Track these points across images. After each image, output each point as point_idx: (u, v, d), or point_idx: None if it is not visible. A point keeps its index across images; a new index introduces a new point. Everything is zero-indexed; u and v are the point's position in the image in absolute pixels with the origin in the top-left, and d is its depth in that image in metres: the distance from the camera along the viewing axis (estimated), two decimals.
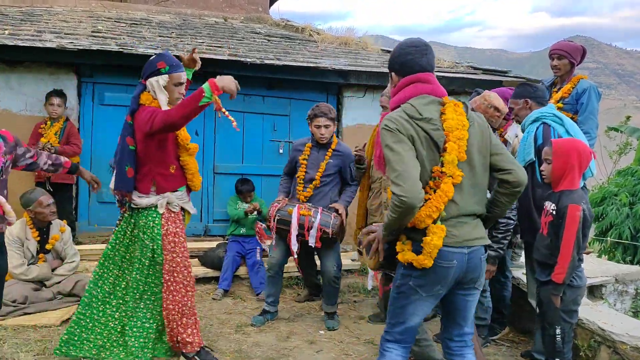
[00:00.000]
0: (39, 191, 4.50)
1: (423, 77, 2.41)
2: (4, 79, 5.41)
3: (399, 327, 2.45)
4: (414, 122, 2.30)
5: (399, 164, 2.21)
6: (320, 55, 6.59)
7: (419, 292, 2.36)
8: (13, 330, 3.83)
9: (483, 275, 2.45)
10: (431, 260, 2.26)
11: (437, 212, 2.26)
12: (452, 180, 2.29)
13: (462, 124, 2.33)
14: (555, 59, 4.40)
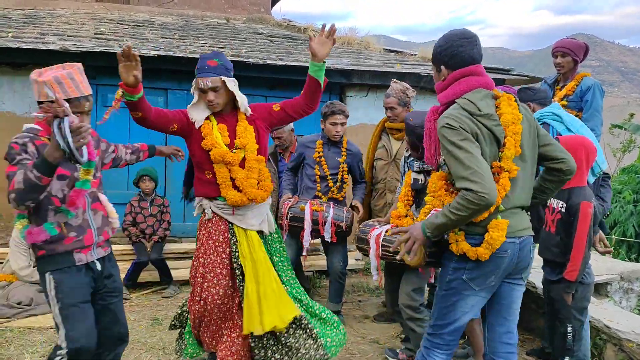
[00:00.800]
0: None
1: (475, 69, 2.36)
2: (8, 81, 5.42)
3: (449, 327, 2.38)
4: (475, 119, 2.25)
5: (472, 162, 2.16)
6: None
7: (471, 286, 2.32)
8: (19, 331, 3.85)
9: (531, 265, 2.43)
10: (489, 253, 2.25)
11: (494, 207, 2.25)
12: (509, 174, 2.28)
13: (518, 118, 2.31)
14: (558, 56, 4.39)
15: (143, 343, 3.79)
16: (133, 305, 4.63)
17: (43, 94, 2.41)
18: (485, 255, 2.25)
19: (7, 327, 3.90)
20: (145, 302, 4.75)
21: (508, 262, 2.30)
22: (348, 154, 4.34)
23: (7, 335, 3.76)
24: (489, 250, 2.24)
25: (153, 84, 5.81)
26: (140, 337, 3.90)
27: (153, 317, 4.31)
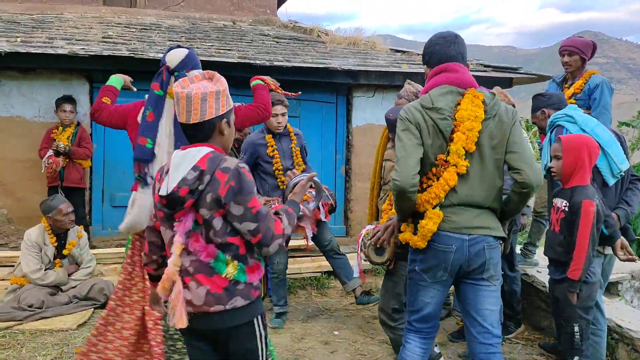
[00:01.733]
0: (59, 199, 4.55)
1: (450, 66, 2.48)
2: (17, 86, 5.47)
3: (415, 315, 2.54)
4: (425, 111, 2.40)
5: (400, 151, 2.38)
6: (329, 56, 6.59)
7: (424, 277, 2.46)
8: (30, 334, 3.88)
9: (492, 266, 2.43)
10: (424, 242, 2.39)
11: (436, 199, 2.37)
12: (456, 169, 2.35)
13: (475, 115, 2.35)
14: (565, 55, 4.38)
15: None
16: None
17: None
18: (420, 243, 2.39)
19: (19, 329, 3.93)
20: None
21: (455, 257, 2.38)
22: (297, 137, 4.45)
23: (19, 338, 3.80)
24: (422, 238, 2.38)
25: None
26: None
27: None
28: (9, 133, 5.44)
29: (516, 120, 2.46)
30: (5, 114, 5.45)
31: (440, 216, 2.36)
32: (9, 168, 5.44)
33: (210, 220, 1.91)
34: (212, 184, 1.89)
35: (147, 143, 2.86)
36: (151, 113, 2.89)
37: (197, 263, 1.93)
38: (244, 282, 1.95)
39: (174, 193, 1.88)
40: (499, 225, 2.48)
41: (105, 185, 5.84)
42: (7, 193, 5.46)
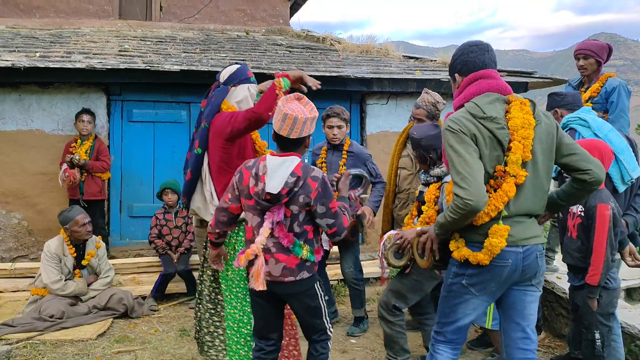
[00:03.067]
0: (76, 210, 4.62)
1: (486, 73, 2.40)
2: (37, 100, 5.58)
3: (450, 326, 2.43)
4: (478, 121, 2.28)
5: (463, 167, 2.21)
6: (342, 64, 6.62)
7: (471, 290, 2.35)
8: (51, 344, 3.92)
9: (541, 274, 2.40)
10: (489, 259, 2.26)
11: (495, 211, 2.26)
12: (515, 180, 2.26)
13: (528, 123, 2.29)
14: (581, 59, 4.34)
15: (172, 354, 3.83)
16: (161, 317, 4.69)
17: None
18: (485, 260, 2.26)
19: (39, 340, 3.98)
20: (173, 314, 4.80)
21: (510, 271, 2.30)
22: (349, 156, 4.34)
23: (40, 349, 3.84)
24: (489, 255, 2.26)
25: (176, 98, 5.92)
26: (169, 348, 3.95)
27: (181, 329, 4.35)
28: (29, 146, 5.54)
29: (558, 125, 2.42)
30: (25, 127, 5.56)
31: (508, 230, 2.25)
32: (30, 180, 5.54)
33: (297, 215, 2.57)
34: (304, 188, 2.53)
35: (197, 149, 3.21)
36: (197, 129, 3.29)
37: (279, 246, 2.58)
38: (311, 261, 2.65)
39: (280, 192, 2.48)
40: (542, 232, 2.44)
41: (123, 197, 5.91)
42: (28, 205, 5.56)
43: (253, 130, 3.18)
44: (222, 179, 3.14)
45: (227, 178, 3.11)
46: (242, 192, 2.63)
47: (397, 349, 3.40)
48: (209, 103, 3.23)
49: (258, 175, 2.57)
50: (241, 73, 3.22)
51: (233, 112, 3.10)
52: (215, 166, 3.15)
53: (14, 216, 5.55)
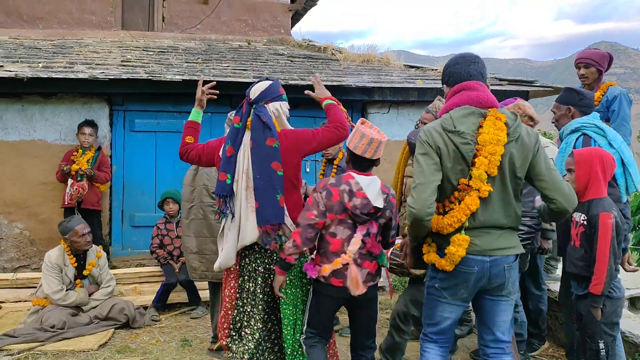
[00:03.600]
0: (76, 220, 4.62)
1: (469, 85, 2.46)
2: (39, 110, 5.60)
3: (433, 328, 2.57)
4: (446, 134, 2.37)
5: (419, 177, 2.36)
6: (344, 74, 6.64)
7: (444, 294, 2.49)
8: (52, 355, 3.91)
9: (511, 284, 2.48)
10: (452, 266, 2.39)
11: (458, 223, 2.38)
12: (478, 194, 2.35)
13: (497, 139, 2.33)
14: (582, 67, 4.33)
15: None
16: (163, 327, 4.67)
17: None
18: (447, 267, 2.40)
19: (41, 350, 3.97)
20: (174, 324, 4.78)
21: (477, 278, 2.41)
22: (338, 170, 4.31)
23: (41, 359, 3.83)
24: (450, 262, 2.39)
25: (178, 107, 5.94)
26: (171, 358, 3.93)
27: (183, 339, 4.33)
28: (32, 156, 5.56)
29: (539, 145, 2.44)
30: (27, 137, 5.58)
31: (468, 241, 2.36)
32: (32, 190, 5.55)
33: (384, 227, 2.92)
34: (389, 204, 2.87)
35: (227, 179, 2.87)
36: (230, 147, 2.91)
37: (363, 255, 2.83)
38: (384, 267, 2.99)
39: (379, 207, 2.79)
40: (518, 243, 2.51)
41: (125, 206, 5.92)
42: (30, 215, 5.56)
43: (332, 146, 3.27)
44: (293, 196, 2.98)
45: (295, 195, 3.01)
46: (332, 208, 2.81)
47: (398, 354, 3.44)
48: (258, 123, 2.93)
49: (353, 191, 2.80)
50: (274, 91, 3.03)
51: (313, 130, 3.03)
52: (287, 184, 2.94)
53: (15, 226, 5.55)
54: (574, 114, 3.53)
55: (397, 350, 3.43)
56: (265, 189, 2.82)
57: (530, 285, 3.85)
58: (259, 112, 2.93)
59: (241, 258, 2.96)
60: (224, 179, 2.87)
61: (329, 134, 3.00)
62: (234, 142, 2.92)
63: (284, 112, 3.04)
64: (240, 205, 2.87)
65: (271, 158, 2.85)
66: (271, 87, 3.01)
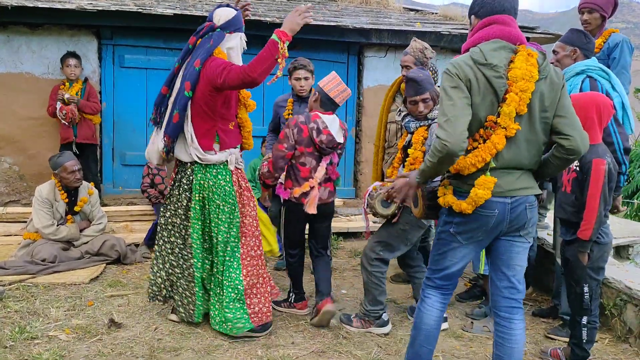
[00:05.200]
0: (66, 156, 4.55)
1: (501, 18, 2.33)
2: (26, 42, 5.42)
3: (439, 273, 2.49)
4: (477, 67, 2.24)
5: (450, 110, 2.19)
6: (341, 15, 6.45)
7: (458, 239, 2.38)
8: (44, 287, 3.94)
9: (531, 225, 2.40)
10: (472, 208, 2.28)
11: (482, 163, 2.25)
12: (505, 132, 2.23)
13: (530, 75, 2.22)
14: (585, 13, 4.22)
15: None
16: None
17: None
18: (468, 209, 2.29)
19: (32, 283, 4.00)
20: None
21: (497, 221, 2.31)
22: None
23: (32, 291, 3.87)
24: (472, 205, 2.27)
25: (169, 44, 5.76)
26: None
27: None
28: (19, 90, 5.42)
29: (565, 83, 2.36)
30: (14, 70, 5.42)
31: (494, 182, 2.25)
32: (20, 125, 5.45)
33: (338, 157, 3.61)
34: (345, 139, 3.57)
35: (167, 92, 3.20)
36: (178, 66, 3.18)
37: (327, 178, 3.52)
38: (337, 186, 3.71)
39: (340, 142, 3.47)
40: (536, 184, 2.42)
41: (115, 144, 5.84)
42: (19, 150, 5.49)
43: (242, 89, 3.20)
44: (204, 124, 3.12)
45: (209, 124, 3.13)
46: (302, 142, 3.38)
47: (370, 298, 3.47)
48: (203, 45, 3.10)
49: (320, 129, 3.36)
50: (238, 20, 3.13)
51: (226, 64, 2.99)
52: (197, 110, 3.09)
53: (5, 161, 5.49)
54: (578, 56, 3.47)
55: (367, 292, 3.48)
56: (173, 103, 3.12)
57: None
58: (215, 37, 3.08)
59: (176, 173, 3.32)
60: (165, 92, 3.20)
61: (234, 76, 2.95)
62: (181, 60, 3.17)
63: (242, 44, 3.21)
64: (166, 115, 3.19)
65: (187, 78, 3.05)
66: (237, 16, 3.13)
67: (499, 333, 2.45)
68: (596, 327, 3.02)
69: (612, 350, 3.33)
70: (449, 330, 3.54)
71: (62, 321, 3.39)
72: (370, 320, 3.47)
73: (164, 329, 3.35)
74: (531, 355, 3.23)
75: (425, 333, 2.51)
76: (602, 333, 3.50)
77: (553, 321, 3.72)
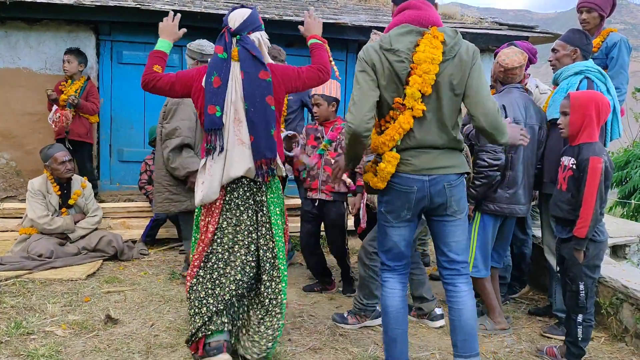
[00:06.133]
0: (56, 147, 4.55)
1: (413, 3, 2.47)
2: (23, 37, 5.41)
3: (387, 254, 2.64)
4: (382, 52, 2.39)
5: (357, 93, 2.40)
6: (340, 12, 6.44)
7: (388, 218, 2.55)
8: (40, 283, 3.94)
9: (455, 203, 2.51)
10: (384, 183, 2.47)
11: (392, 142, 2.42)
12: (412, 113, 2.37)
13: (432, 58, 2.34)
14: (583, 12, 4.22)
15: (162, 295, 3.86)
16: (151, 261, 4.72)
17: None
18: (379, 184, 2.48)
19: (29, 278, 4.00)
20: (163, 258, 4.83)
21: (418, 198, 2.47)
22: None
23: (29, 286, 3.86)
24: (382, 180, 2.46)
25: None
26: (158, 289, 3.98)
27: (171, 272, 4.38)
28: (16, 85, 5.41)
29: (477, 60, 2.43)
30: (12, 65, 5.41)
31: (397, 158, 2.42)
32: (17, 120, 5.44)
33: None
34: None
35: (216, 112, 2.76)
36: (217, 78, 2.77)
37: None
38: None
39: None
40: (461, 162, 2.54)
41: (113, 141, 5.83)
42: (16, 145, 5.48)
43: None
44: (278, 131, 2.95)
45: (279, 129, 2.97)
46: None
47: (366, 292, 3.49)
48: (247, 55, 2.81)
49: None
50: (254, 20, 2.90)
51: (292, 67, 2.95)
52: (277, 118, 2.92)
53: (1, 156, 5.48)
54: (578, 56, 3.48)
55: (364, 285, 3.50)
56: (259, 123, 2.77)
57: (516, 229, 3.89)
58: (246, 43, 2.81)
59: (226, 192, 2.86)
60: (213, 112, 2.75)
61: (312, 75, 2.95)
62: (220, 73, 2.78)
63: (265, 42, 2.95)
64: (228, 138, 2.79)
65: (265, 92, 2.78)
66: (252, 16, 2.86)
67: (449, 299, 2.61)
68: (592, 325, 3.03)
69: (608, 349, 3.34)
70: (445, 327, 3.54)
71: (58, 317, 3.38)
72: (366, 314, 3.49)
73: (160, 325, 3.34)
74: (527, 354, 3.23)
75: (394, 315, 2.62)
76: (598, 332, 3.51)
77: (549, 320, 3.72)
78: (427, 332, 3.50)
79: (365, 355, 3.08)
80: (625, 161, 9.24)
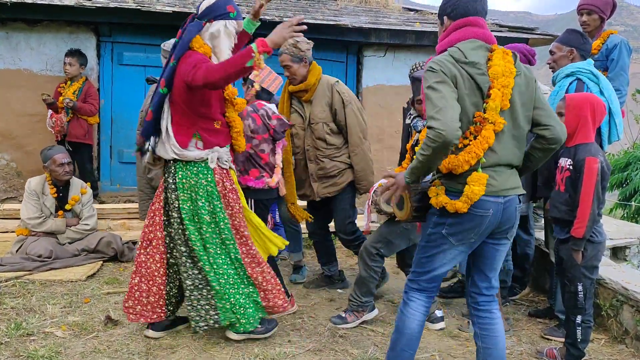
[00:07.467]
0: (57, 149, 4.53)
1: (474, 20, 2.37)
2: (25, 38, 5.42)
3: (426, 275, 2.45)
4: (459, 65, 2.26)
5: (440, 101, 2.17)
6: (340, 14, 6.45)
7: (450, 240, 2.35)
8: (40, 284, 3.94)
9: (516, 225, 2.43)
10: (467, 207, 2.24)
11: (475, 159, 2.24)
12: (494, 127, 2.25)
13: (510, 71, 2.27)
14: (584, 14, 4.23)
15: None
16: None
17: None
18: (463, 208, 2.25)
19: (28, 279, 4.00)
20: None
21: (490, 221, 2.30)
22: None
23: (29, 287, 3.86)
24: (467, 203, 2.24)
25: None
26: None
27: None
28: (17, 86, 5.42)
29: (535, 78, 2.42)
30: (13, 66, 5.42)
31: (486, 178, 2.23)
32: (18, 121, 5.44)
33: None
34: None
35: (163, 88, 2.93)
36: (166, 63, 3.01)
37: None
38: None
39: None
40: (520, 183, 2.44)
41: (113, 142, 5.84)
42: (17, 146, 5.48)
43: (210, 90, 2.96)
44: (183, 122, 2.95)
45: (188, 122, 2.95)
46: (258, 130, 3.48)
47: (364, 290, 3.50)
48: (182, 39, 2.92)
49: (270, 115, 3.51)
50: (218, 7, 2.88)
51: (198, 61, 2.83)
52: (176, 107, 2.93)
53: (2, 157, 5.49)
54: (575, 57, 3.48)
55: (362, 284, 3.50)
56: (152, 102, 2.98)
57: (519, 230, 3.88)
58: (190, 27, 2.92)
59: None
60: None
61: (199, 77, 2.76)
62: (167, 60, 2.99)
63: (228, 32, 2.93)
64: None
65: (163, 75, 2.93)
66: (216, 3, 2.88)
67: (483, 326, 2.49)
68: (590, 326, 3.03)
69: (608, 351, 3.34)
70: (445, 329, 3.54)
71: (58, 318, 3.38)
72: (363, 310, 3.52)
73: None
74: (527, 356, 3.23)
75: (408, 337, 2.47)
76: (598, 333, 3.51)
77: (549, 321, 3.72)
78: (427, 334, 3.49)
79: (365, 357, 3.08)
80: (626, 163, 9.23)
